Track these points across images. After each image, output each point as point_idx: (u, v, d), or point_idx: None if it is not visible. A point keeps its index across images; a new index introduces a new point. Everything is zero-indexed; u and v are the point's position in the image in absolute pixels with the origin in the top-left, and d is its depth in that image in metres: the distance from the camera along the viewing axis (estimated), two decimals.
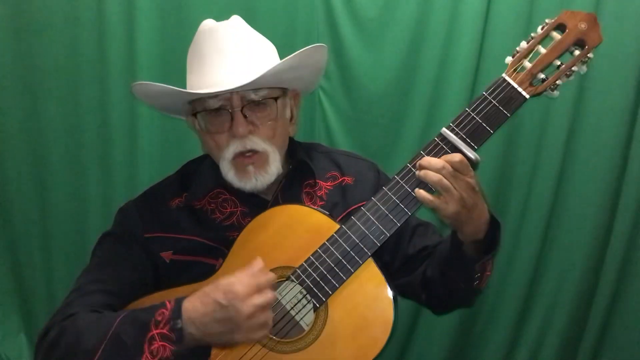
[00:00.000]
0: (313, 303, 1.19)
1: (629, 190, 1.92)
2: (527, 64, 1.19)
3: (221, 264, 1.27)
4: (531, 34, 1.21)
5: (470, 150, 1.17)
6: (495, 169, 1.95)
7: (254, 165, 1.29)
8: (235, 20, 1.36)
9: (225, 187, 1.35)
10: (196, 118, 1.32)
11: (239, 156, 1.28)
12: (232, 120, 1.27)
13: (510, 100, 1.18)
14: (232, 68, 1.27)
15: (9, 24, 1.84)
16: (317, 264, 1.19)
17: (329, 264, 1.19)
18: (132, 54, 1.85)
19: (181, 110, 1.39)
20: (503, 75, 1.20)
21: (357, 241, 1.19)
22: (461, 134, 1.18)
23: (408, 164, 1.20)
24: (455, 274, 1.26)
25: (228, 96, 1.27)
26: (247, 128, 1.26)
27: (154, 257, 1.32)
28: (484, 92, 1.18)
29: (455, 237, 1.23)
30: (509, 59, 1.21)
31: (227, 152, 1.28)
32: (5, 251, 1.97)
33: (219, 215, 1.34)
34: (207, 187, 1.36)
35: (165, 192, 1.39)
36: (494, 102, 1.18)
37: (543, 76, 1.19)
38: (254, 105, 1.28)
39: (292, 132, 1.41)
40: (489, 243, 1.23)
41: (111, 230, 1.37)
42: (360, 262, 1.18)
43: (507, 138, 1.94)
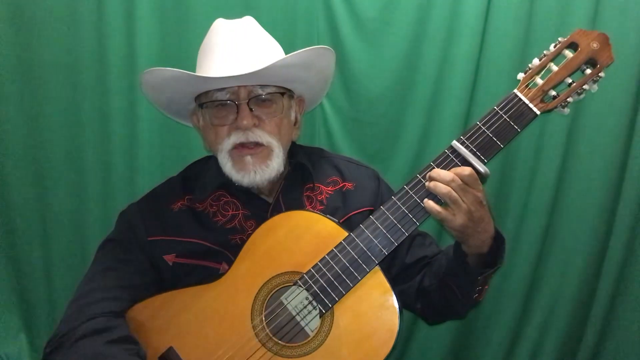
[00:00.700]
0: (319, 309, 1.20)
1: (629, 190, 1.92)
2: (539, 81, 1.21)
3: (226, 268, 1.28)
4: (544, 52, 1.22)
5: (480, 164, 1.18)
6: (495, 169, 1.95)
7: (254, 157, 1.29)
8: (247, 19, 1.39)
9: (227, 189, 1.35)
10: (202, 110, 1.32)
11: (237, 147, 1.29)
12: (237, 113, 1.28)
13: (521, 115, 1.20)
14: (240, 60, 1.29)
15: (9, 24, 1.84)
16: (324, 270, 1.20)
17: (336, 270, 1.19)
18: (132, 54, 1.85)
19: (186, 108, 1.39)
20: (515, 90, 1.21)
21: (365, 249, 1.20)
22: (472, 147, 1.20)
23: (418, 174, 1.21)
24: (456, 286, 1.27)
25: (235, 90, 1.29)
26: (251, 121, 1.28)
27: (157, 260, 1.32)
28: (495, 107, 1.20)
29: (459, 249, 1.24)
30: (520, 75, 1.22)
31: (227, 142, 1.29)
32: (5, 251, 1.96)
33: (220, 218, 1.34)
34: (210, 189, 1.36)
35: (167, 194, 1.39)
36: (504, 117, 1.19)
37: (554, 93, 1.21)
38: (260, 100, 1.30)
39: (295, 136, 1.42)
40: (491, 257, 1.23)
41: (113, 235, 1.37)
42: (367, 270, 1.19)
43: None
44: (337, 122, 1.96)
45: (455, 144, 1.20)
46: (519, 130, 1.20)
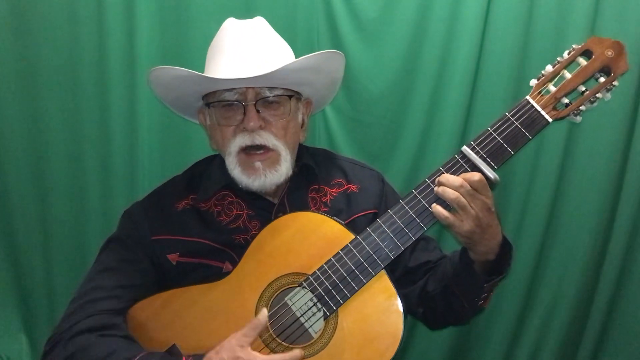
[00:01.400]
0: (324, 311, 1.20)
1: (629, 190, 1.92)
2: (552, 88, 1.20)
3: (229, 267, 1.28)
4: (557, 59, 1.21)
5: (490, 170, 1.18)
6: (495, 168, 1.94)
7: (263, 163, 1.29)
8: (258, 19, 1.39)
9: (232, 189, 1.35)
10: (209, 109, 1.32)
11: (245, 152, 1.28)
12: (244, 114, 1.27)
13: (533, 122, 1.18)
14: (249, 62, 1.29)
15: (9, 24, 1.84)
16: (330, 272, 1.20)
17: (342, 273, 1.19)
18: (132, 54, 1.85)
19: (193, 106, 1.40)
20: (527, 97, 1.20)
21: (371, 252, 1.19)
22: (482, 153, 1.19)
23: (427, 179, 1.20)
24: (461, 292, 1.26)
25: (243, 90, 1.28)
26: (258, 122, 1.28)
27: (160, 259, 1.32)
28: (507, 113, 1.19)
29: (466, 255, 1.23)
30: (533, 81, 1.21)
31: (233, 144, 1.29)
32: (5, 251, 1.96)
33: (225, 217, 1.34)
34: (214, 189, 1.36)
35: (171, 193, 1.39)
36: (516, 123, 1.18)
37: (567, 101, 1.20)
38: (268, 103, 1.30)
39: (302, 138, 1.42)
40: (498, 265, 1.23)
41: (116, 234, 1.37)
42: (373, 274, 1.19)
43: None
44: (337, 122, 1.96)
45: (465, 149, 1.20)
46: (530, 137, 1.19)
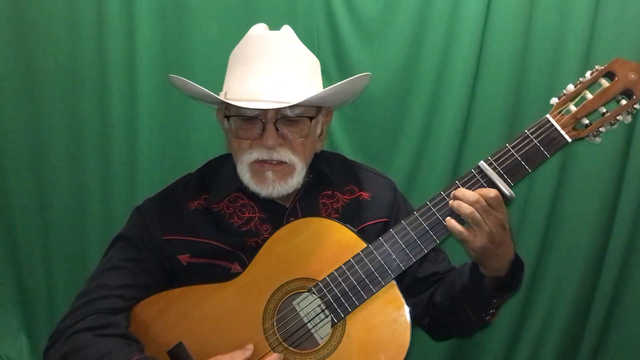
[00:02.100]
0: (331, 318, 1.20)
1: (629, 190, 1.92)
2: (573, 108, 1.19)
3: (238, 268, 1.28)
4: (580, 79, 1.20)
5: (506, 187, 1.17)
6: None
7: (275, 173, 1.29)
8: (286, 31, 1.35)
9: (244, 192, 1.35)
10: (228, 121, 1.32)
11: (259, 162, 1.28)
12: (263, 130, 1.27)
13: (551, 141, 1.18)
14: (276, 83, 1.27)
15: (9, 24, 1.84)
16: (339, 280, 1.20)
17: (352, 281, 1.19)
18: (132, 54, 1.85)
19: (213, 102, 1.39)
20: (547, 116, 1.19)
21: (382, 262, 1.19)
22: (499, 169, 1.18)
23: (442, 192, 1.20)
24: (470, 307, 1.26)
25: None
26: (277, 141, 1.26)
27: (171, 260, 1.32)
28: (527, 131, 1.18)
29: (477, 270, 1.23)
30: (554, 100, 1.20)
31: (249, 156, 1.28)
32: (5, 251, 1.96)
33: (237, 220, 1.34)
34: (227, 191, 1.35)
35: (184, 193, 1.38)
36: (535, 141, 1.18)
37: (587, 122, 1.19)
38: (288, 120, 1.28)
39: (319, 148, 1.40)
40: (508, 281, 1.23)
41: (125, 232, 1.36)
42: (383, 284, 1.19)
43: (507, 137, 1.92)
44: (337, 122, 1.96)
45: (482, 164, 1.19)
46: (548, 156, 1.18)
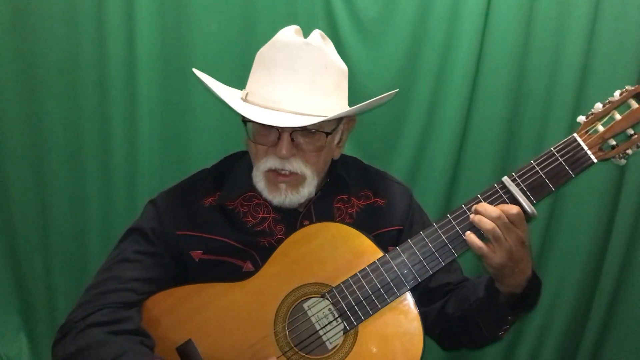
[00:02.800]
0: (344, 325, 1.19)
1: (629, 191, 1.92)
2: (600, 128, 1.18)
3: (250, 267, 1.27)
4: (609, 98, 1.19)
5: (529, 204, 1.16)
6: (496, 169, 1.95)
7: (287, 184, 1.28)
8: (314, 39, 1.31)
9: (259, 192, 1.35)
10: (245, 125, 1.31)
11: (273, 172, 1.28)
12: (278, 139, 1.26)
13: (577, 161, 1.17)
14: (297, 95, 1.25)
15: (9, 24, 1.84)
16: (354, 287, 1.19)
17: (367, 290, 1.18)
18: (132, 54, 1.84)
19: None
20: (574, 135, 1.18)
21: (399, 273, 1.18)
22: (522, 185, 1.17)
23: (463, 205, 1.19)
24: (483, 322, 1.25)
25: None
26: (290, 152, 1.26)
27: (183, 255, 1.31)
28: (553, 149, 1.17)
29: (492, 286, 1.22)
30: (581, 118, 1.19)
31: (263, 164, 1.28)
32: (5, 251, 1.96)
33: (250, 219, 1.34)
34: (241, 190, 1.35)
35: (199, 188, 1.37)
36: (561, 160, 1.17)
37: (614, 143, 1.18)
38: (304, 131, 1.27)
39: (336, 155, 1.39)
40: (523, 299, 1.22)
41: (139, 225, 1.35)
42: (398, 294, 1.18)
43: (507, 137, 1.94)
44: None
45: (506, 180, 1.18)
46: (573, 175, 1.16)
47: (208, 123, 1.90)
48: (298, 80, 1.26)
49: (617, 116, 1.18)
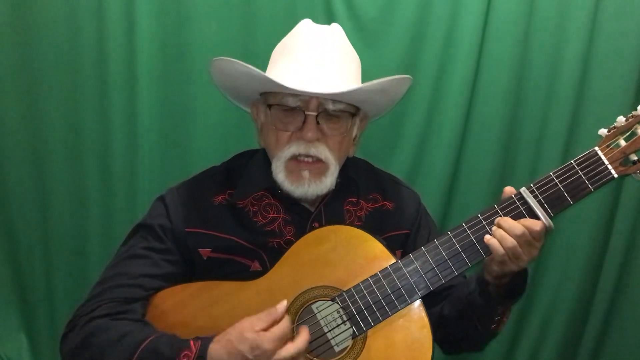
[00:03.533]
0: (353, 330, 1.18)
1: (629, 190, 1.92)
2: (622, 142, 1.15)
3: (257, 267, 1.27)
4: (632, 112, 1.16)
5: (546, 217, 1.14)
6: (496, 169, 1.95)
7: (310, 172, 1.28)
8: (335, 27, 1.37)
9: (271, 192, 1.34)
10: (268, 109, 1.31)
11: (295, 159, 1.27)
12: (303, 123, 1.26)
13: (597, 175, 1.14)
14: (322, 73, 1.26)
15: (9, 24, 1.84)
16: (365, 292, 1.18)
17: (377, 295, 1.17)
18: (132, 53, 1.84)
19: (249, 98, 1.38)
20: (596, 148, 1.16)
21: (410, 280, 1.17)
22: (540, 197, 1.15)
23: (479, 214, 1.17)
24: (476, 317, 1.25)
25: (307, 98, 1.26)
26: (316, 134, 1.26)
27: (192, 252, 1.31)
28: (573, 162, 1.15)
29: (482, 278, 1.23)
30: (603, 131, 1.17)
31: (287, 151, 1.27)
32: (5, 251, 1.96)
33: (260, 219, 1.33)
34: (253, 190, 1.34)
35: (209, 186, 1.37)
36: (580, 173, 1.14)
37: (635, 158, 1.15)
38: (328, 115, 1.28)
39: (351, 152, 1.40)
40: (512, 288, 1.23)
41: (147, 221, 1.34)
42: (409, 302, 1.17)
43: (507, 137, 1.94)
44: None
45: (524, 191, 1.16)
46: (592, 190, 1.14)
47: (208, 123, 1.90)
48: (324, 61, 1.27)
49: None
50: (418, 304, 1.19)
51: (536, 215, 1.14)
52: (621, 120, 1.17)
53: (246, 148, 1.47)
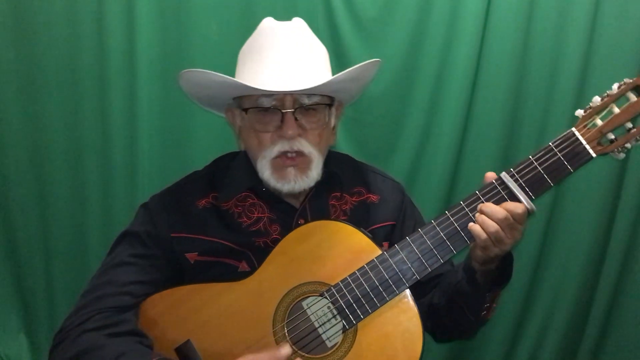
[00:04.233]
0: (343, 324, 1.19)
1: (629, 190, 1.92)
2: (599, 122, 1.16)
3: (245, 267, 1.27)
4: (607, 92, 1.18)
5: (528, 200, 1.14)
6: (496, 169, 1.94)
7: (296, 168, 1.28)
8: (297, 22, 1.37)
9: (255, 192, 1.34)
10: (246, 114, 1.31)
11: (280, 157, 1.28)
12: (282, 121, 1.26)
13: (576, 156, 1.15)
14: (291, 70, 1.27)
15: (9, 24, 1.84)
16: (353, 286, 1.18)
17: (365, 288, 1.18)
18: (132, 54, 1.85)
19: (223, 104, 1.38)
20: (573, 129, 1.17)
21: (397, 271, 1.18)
22: (521, 181, 1.16)
23: (462, 202, 1.18)
24: (465, 304, 1.26)
25: (281, 97, 1.26)
26: (296, 131, 1.26)
27: (178, 257, 1.31)
28: (551, 144, 1.16)
29: (469, 266, 1.23)
30: (580, 112, 1.18)
31: (271, 151, 1.27)
32: (5, 251, 1.96)
33: (245, 219, 1.33)
34: (237, 191, 1.35)
35: (192, 190, 1.37)
36: (559, 154, 1.15)
37: (612, 137, 1.16)
38: (305, 110, 1.28)
39: (332, 141, 1.40)
40: (499, 275, 1.23)
41: (133, 228, 1.34)
42: (397, 292, 1.18)
43: (507, 138, 1.94)
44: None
45: (504, 175, 1.17)
46: (572, 170, 1.15)
47: (208, 123, 1.90)
48: (291, 58, 1.28)
49: (616, 109, 1.16)
50: (406, 293, 1.19)
51: (518, 199, 1.15)
52: (597, 100, 1.18)
53: (239, 149, 1.48)
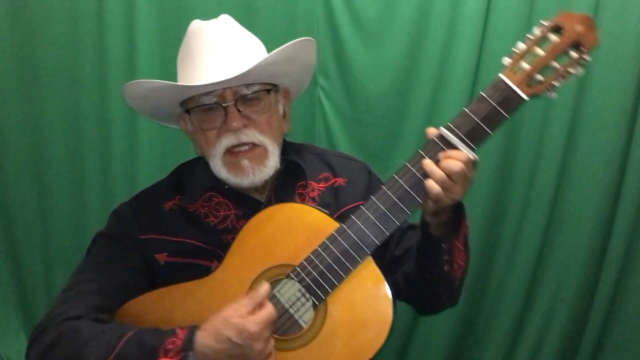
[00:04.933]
0: (312, 301, 1.19)
1: (629, 190, 1.92)
2: (525, 66, 1.18)
3: (217, 266, 1.27)
4: (528, 35, 1.20)
5: (470, 151, 1.16)
6: (496, 169, 1.95)
7: (250, 160, 1.29)
8: (224, 18, 1.38)
9: (219, 190, 1.35)
10: (189, 115, 1.32)
11: (230, 152, 1.29)
12: (226, 115, 1.28)
13: (508, 101, 1.17)
14: (223, 63, 1.28)
15: (9, 24, 1.84)
16: (316, 262, 1.19)
17: (328, 261, 1.19)
18: (132, 54, 1.85)
19: (173, 114, 1.40)
20: (500, 75, 1.18)
21: (357, 239, 1.19)
22: (459, 133, 1.18)
23: (407, 163, 1.20)
24: (427, 260, 1.26)
25: (221, 92, 1.28)
26: (241, 122, 1.27)
27: (149, 259, 1.32)
28: (482, 93, 1.18)
29: (423, 220, 1.24)
30: (506, 59, 1.20)
31: (219, 146, 1.29)
32: (5, 251, 1.97)
33: (212, 219, 1.34)
34: (200, 190, 1.36)
35: (158, 194, 1.39)
36: (491, 102, 1.17)
37: (540, 78, 1.18)
38: (247, 100, 1.29)
39: (285, 128, 1.41)
40: (452, 226, 1.24)
41: (106, 230, 1.37)
42: (360, 261, 1.18)
43: (507, 138, 1.94)
44: (337, 122, 1.96)
45: (443, 130, 1.19)
46: (507, 115, 1.17)
47: None
48: (222, 54, 1.29)
49: (540, 52, 1.18)
50: (369, 261, 1.19)
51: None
52: (521, 45, 1.20)
53: (196, 154, 1.48)
